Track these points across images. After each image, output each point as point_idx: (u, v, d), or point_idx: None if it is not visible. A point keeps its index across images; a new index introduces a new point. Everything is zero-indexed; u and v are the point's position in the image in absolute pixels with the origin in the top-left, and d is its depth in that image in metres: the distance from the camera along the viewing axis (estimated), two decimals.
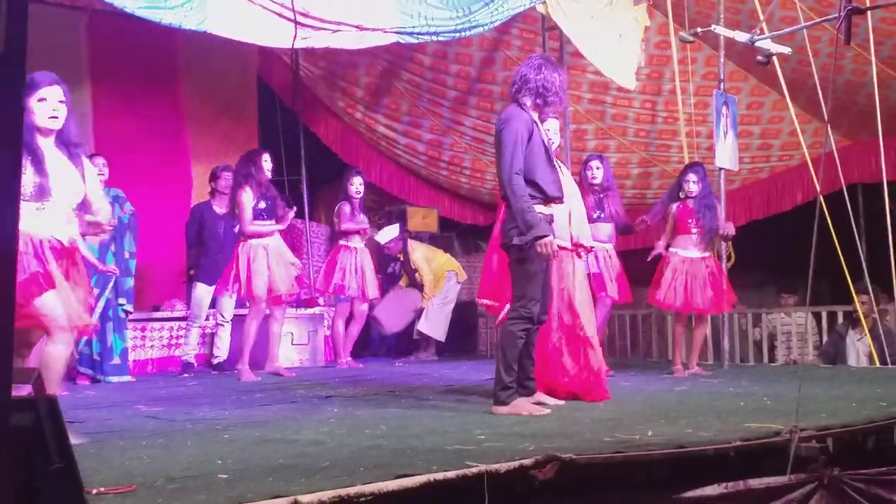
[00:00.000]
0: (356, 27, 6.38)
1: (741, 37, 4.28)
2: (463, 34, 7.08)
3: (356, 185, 8.22)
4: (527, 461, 3.01)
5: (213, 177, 8.16)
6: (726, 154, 7.46)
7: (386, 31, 6.52)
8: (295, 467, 3.05)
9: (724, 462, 3.42)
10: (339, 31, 6.33)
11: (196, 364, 8.03)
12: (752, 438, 3.60)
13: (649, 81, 9.17)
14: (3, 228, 1.89)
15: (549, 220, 4.80)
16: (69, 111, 3.99)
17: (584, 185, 7.02)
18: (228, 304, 7.94)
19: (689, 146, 8.29)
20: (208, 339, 8.39)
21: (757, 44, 4.11)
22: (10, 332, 1.91)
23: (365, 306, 8.36)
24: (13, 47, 1.86)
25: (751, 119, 9.33)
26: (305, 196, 9.43)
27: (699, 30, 5.04)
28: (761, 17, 6.02)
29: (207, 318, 8.14)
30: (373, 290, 8.25)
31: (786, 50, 4.44)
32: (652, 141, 9.95)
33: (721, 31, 5.02)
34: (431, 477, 2.76)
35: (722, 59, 7.56)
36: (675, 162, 9.54)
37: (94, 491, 2.71)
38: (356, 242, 8.22)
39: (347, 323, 8.40)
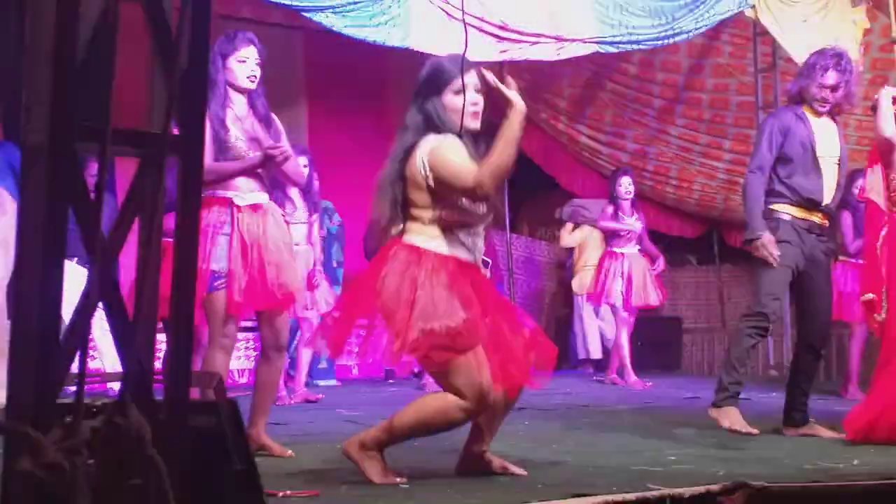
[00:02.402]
0: (555, 38, 6.35)
1: None
2: (666, 42, 6.90)
3: (625, 186, 7.90)
4: (714, 487, 2.88)
5: None
6: None
7: (585, 42, 6.46)
8: (475, 479, 3.05)
9: None
10: (538, 42, 6.32)
11: (397, 371, 8.19)
12: None
13: (872, 87, 8.59)
14: (187, 234, 1.98)
15: (807, 226, 4.56)
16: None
17: None
18: None
19: None
20: None
21: None
22: (191, 336, 2.00)
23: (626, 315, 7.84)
24: (197, 64, 1.96)
25: None
26: (507, 208, 9.45)
27: None
28: None
29: None
30: (639, 298, 7.76)
31: None
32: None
33: None
34: (609, 498, 2.69)
35: None
36: None
37: (281, 494, 2.82)
38: (625, 247, 7.89)
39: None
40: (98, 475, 1.72)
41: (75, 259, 4.44)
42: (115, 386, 1.95)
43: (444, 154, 3.12)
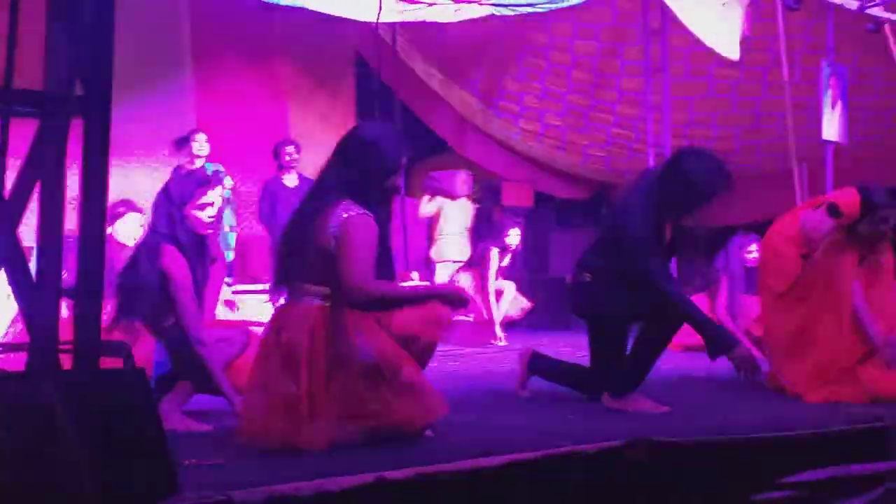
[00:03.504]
0: (451, 1, 6.33)
1: (850, 4, 4.07)
2: (559, 5, 6.96)
3: (513, 238, 8.05)
4: (617, 442, 2.96)
5: (277, 153, 7.92)
6: (833, 127, 7.19)
7: (481, 4, 6.47)
8: (387, 444, 3.05)
9: (824, 447, 3.30)
10: (434, 4, 6.29)
11: None
12: (853, 423, 3.48)
13: (754, 51, 8.87)
14: (94, 197, 1.92)
15: None
16: None
17: None
18: None
19: (796, 119, 8.00)
20: None
21: (868, 11, 3.90)
22: (99, 303, 1.94)
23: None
24: (102, 18, 1.88)
25: (860, 91, 8.94)
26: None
27: None
28: None
29: None
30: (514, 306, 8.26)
31: None
32: (756, 113, 9.66)
33: None
34: (515, 457, 2.73)
35: (830, 28, 7.27)
36: (780, 135, 9.24)
37: (187, 462, 2.77)
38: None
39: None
40: (7, 446, 1.67)
41: None
42: None
43: (358, 237, 3.10)
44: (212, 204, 3.68)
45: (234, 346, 3.54)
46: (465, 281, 8.13)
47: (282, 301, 3.27)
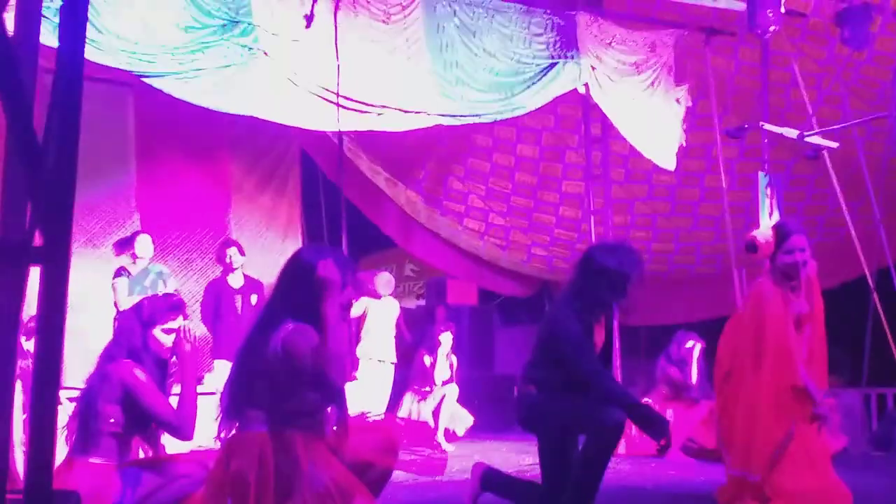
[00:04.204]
0: (399, 110, 6.45)
1: (790, 133, 4.24)
2: (505, 116, 7.12)
3: (444, 343, 8.19)
4: None
5: (219, 255, 7.88)
6: None
7: (429, 115, 6.58)
8: None
9: None
10: (382, 114, 6.40)
11: None
12: None
13: (691, 159, 9.14)
14: (51, 348, 1.89)
15: None
16: None
17: None
18: None
19: (734, 223, 8.22)
20: None
21: (807, 139, 4.07)
22: (52, 453, 1.90)
23: None
24: (64, 166, 1.88)
25: (794, 196, 9.25)
26: None
27: (746, 125, 5.00)
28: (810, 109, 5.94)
29: None
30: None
31: (833, 144, 4.39)
32: (694, 217, 9.89)
33: (770, 127, 4.97)
34: None
35: (765, 139, 7.53)
36: (718, 238, 9.47)
37: None
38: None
39: None
40: None
41: None
42: None
43: (300, 345, 3.09)
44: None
45: (191, 481, 3.45)
46: (408, 401, 8.18)
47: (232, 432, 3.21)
